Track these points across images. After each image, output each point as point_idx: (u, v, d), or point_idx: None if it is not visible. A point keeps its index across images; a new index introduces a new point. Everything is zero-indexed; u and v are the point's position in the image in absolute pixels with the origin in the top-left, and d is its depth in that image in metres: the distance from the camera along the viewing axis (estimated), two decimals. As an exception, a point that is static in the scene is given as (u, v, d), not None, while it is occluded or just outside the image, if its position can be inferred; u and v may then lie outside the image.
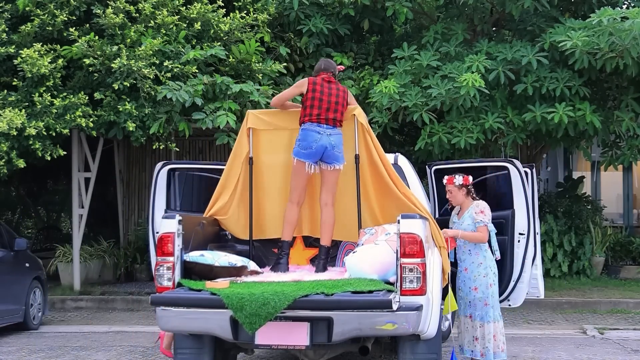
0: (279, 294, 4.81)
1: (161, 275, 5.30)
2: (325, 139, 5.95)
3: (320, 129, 5.96)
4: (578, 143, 11.51)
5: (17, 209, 18.77)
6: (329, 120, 5.99)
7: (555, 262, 12.29)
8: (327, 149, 5.95)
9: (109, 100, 10.13)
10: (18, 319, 9.19)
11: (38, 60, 9.74)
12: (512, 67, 10.26)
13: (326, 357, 5.35)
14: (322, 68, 6.27)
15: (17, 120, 9.50)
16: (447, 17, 11.79)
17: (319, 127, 5.97)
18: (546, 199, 13.61)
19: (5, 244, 9.31)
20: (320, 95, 6.03)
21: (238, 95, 9.97)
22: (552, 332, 8.90)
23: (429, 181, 7.39)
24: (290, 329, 4.94)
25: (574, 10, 11.60)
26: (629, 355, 7.54)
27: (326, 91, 6.06)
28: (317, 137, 5.95)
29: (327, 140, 5.95)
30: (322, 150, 5.96)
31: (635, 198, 15.66)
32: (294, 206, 6.12)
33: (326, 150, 5.96)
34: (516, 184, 6.77)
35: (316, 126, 5.97)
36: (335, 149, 5.97)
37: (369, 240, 5.70)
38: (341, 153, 6.03)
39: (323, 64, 6.35)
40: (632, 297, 10.92)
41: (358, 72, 11.35)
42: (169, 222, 5.38)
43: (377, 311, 4.77)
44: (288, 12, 11.30)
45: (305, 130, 6.00)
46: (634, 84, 10.67)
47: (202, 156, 13.89)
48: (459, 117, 10.30)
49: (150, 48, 9.85)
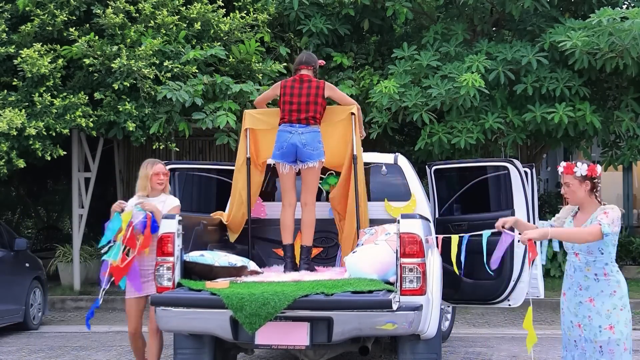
0: (279, 294, 4.81)
1: (161, 275, 5.30)
2: (296, 137, 6.01)
3: (291, 129, 6.04)
4: (578, 143, 11.51)
5: (17, 209, 18.78)
6: (301, 120, 6.05)
7: (555, 262, 12.29)
8: (298, 147, 6.01)
9: (109, 100, 10.14)
10: (18, 319, 9.19)
11: (38, 60, 9.74)
12: (512, 67, 10.26)
13: (326, 357, 5.35)
14: (303, 61, 6.31)
15: (17, 120, 9.50)
16: (447, 17, 11.79)
17: (290, 127, 6.06)
18: (546, 199, 13.61)
19: (5, 244, 9.31)
20: (290, 97, 6.12)
21: (238, 95, 9.98)
22: (552, 332, 8.89)
23: (429, 181, 7.39)
24: (290, 329, 4.93)
25: (574, 10, 11.59)
26: (629, 355, 7.53)
27: (296, 92, 6.13)
28: (288, 136, 6.04)
29: (297, 139, 6.01)
30: (293, 149, 6.02)
31: (635, 198, 15.67)
32: (286, 209, 6.18)
33: (298, 149, 6.01)
34: (516, 184, 6.76)
35: (288, 126, 6.07)
36: (307, 146, 6.00)
37: (369, 240, 5.70)
38: (316, 150, 6.03)
39: (304, 57, 6.37)
40: (632, 297, 10.81)
41: (358, 72, 11.35)
42: (169, 222, 5.38)
43: (377, 311, 4.77)
44: (288, 12, 11.30)
45: (279, 132, 6.11)
46: (633, 84, 10.67)
47: (202, 156, 13.89)
48: (459, 117, 10.31)
49: (150, 48, 9.85)
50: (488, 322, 9.71)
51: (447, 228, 6.89)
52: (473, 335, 8.66)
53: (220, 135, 10.11)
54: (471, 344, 8.13)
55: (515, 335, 8.68)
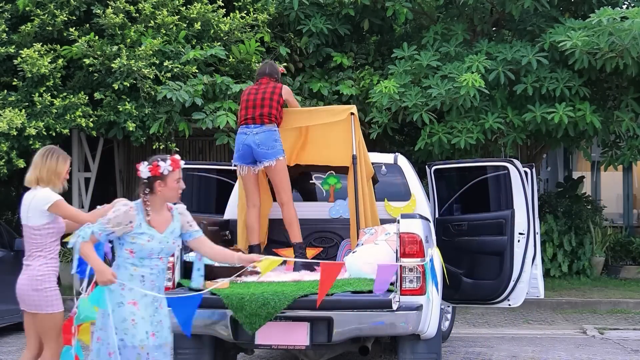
0: (278, 294, 4.81)
1: (161, 275, 5.29)
2: (250, 138, 6.04)
3: (247, 130, 6.08)
4: (578, 143, 11.51)
5: (17, 209, 18.76)
6: (256, 119, 6.06)
7: (555, 262, 12.29)
8: (253, 148, 6.03)
9: (109, 100, 10.14)
10: (18, 319, 9.16)
11: (38, 60, 9.75)
12: (512, 67, 10.26)
13: (326, 357, 5.35)
14: (266, 73, 6.36)
15: (17, 120, 9.50)
16: (447, 17, 11.78)
17: (246, 129, 6.09)
18: (546, 199, 13.61)
19: (5, 244, 9.32)
20: (247, 97, 6.17)
21: (238, 95, 9.96)
22: (552, 332, 8.90)
23: (429, 181, 7.39)
24: (290, 329, 4.94)
25: (574, 10, 11.59)
26: (629, 355, 7.53)
27: (253, 91, 6.19)
28: (243, 138, 6.09)
29: (252, 139, 6.03)
30: (248, 150, 6.05)
31: (635, 198, 15.66)
32: (250, 210, 6.21)
33: (254, 150, 6.03)
34: (516, 184, 6.76)
35: (244, 128, 6.11)
36: (261, 146, 6.01)
37: (369, 240, 5.71)
38: (272, 149, 6.02)
39: (267, 69, 6.42)
40: (632, 297, 10.93)
41: (358, 72, 11.35)
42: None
43: (377, 311, 4.77)
44: (288, 12, 11.29)
45: (237, 135, 6.18)
46: (634, 84, 10.66)
47: (202, 156, 13.88)
48: (459, 117, 10.30)
49: (150, 48, 9.85)
50: (488, 322, 9.71)
51: (447, 228, 6.90)
52: (473, 335, 8.66)
53: (220, 135, 10.11)
54: (471, 344, 8.13)
55: (515, 335, 8.69)
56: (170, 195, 4.25)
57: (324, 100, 10.84)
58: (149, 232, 4.16)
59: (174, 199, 4.29)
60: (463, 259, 6.97)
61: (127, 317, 4.08)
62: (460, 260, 6.94)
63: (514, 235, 6.79)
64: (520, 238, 6.80)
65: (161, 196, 4.22)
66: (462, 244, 6.99)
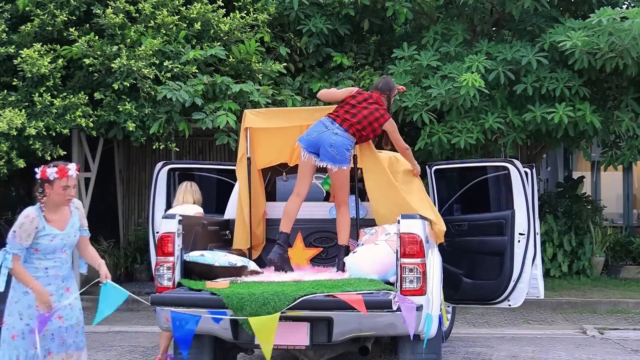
0: (279, 294, 4.81)
1: (161, 275, 5.31)
2: (328, 134, 5.92)
3: (331, 125, 5.96)
4: (578, 143, 11.51)
5: (17, 209, 18.76)
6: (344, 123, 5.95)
7: (555, 262, 12.28)
8: (323, 144, 5.90)
9: (109, 100, 10.13)
10: (18, 319, 9.18)
11: (38, 60, 9.74)
12: (512, 67, 10.26)
13: (326, 357, 5.35)
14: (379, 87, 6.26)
15: (17, 120, 9.50)
16: (447, 17, 11.79)
17: (331, 124, 5.97)
18: (546, 199, 13.61)
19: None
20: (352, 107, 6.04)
21: (238, 95, 9.97)
22: (552, 332, 8.90)
23: (429, 181, 7.40)
24: (290, 329, 4.94)
25: (574, 10, 11.59)
26: (629, 355, 7.54)
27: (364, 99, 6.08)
28: (322, 128, 5.96)
29: (328, 136, 5.92)
30: (318, 143, 5.92)
31: (635, 198, 15.67)
32: (293, 198, 6.10)
33: (322, 147, 5.91)
34: (516, 184, 6.76)
35: (330, 121, 5.98)
36: (332, 147, 5.90)
37: (369, 240, 5.71)
38: (339, 155, 5.90)
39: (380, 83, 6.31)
40: (632, 297, 10.92)
41: (358, 72, 11.35)
42: (169, 222, 5.39)
43: (377, 311, 4.77)
44: (288, 12, 11.30)
45: (318, 121, 6.03)
46: (634, 84, 10.67)
47: (202, 156, 13.89)
48: (459, 117, 10.31)
49: (150, 48, 9.85)
50: (488, 322, 9.71)
51: (448, 228, 6.90)
52: (473, 335, 8.66)
53: (220, 135, 10.11)
54: (471, 344, 8.13)
55: (515, 335, 8.68)
56: (57, 200, 4.73)
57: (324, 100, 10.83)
58: (51, 233, 4.67)
59: (62, 203, 4.77)
60: (463, 259, 6.98)
61: (32, 304, 4.60)
62: (461, 260, 6.95)
63: (514, 235, 6.80)
64: (521, 238, 6.80)
65: (50, 199, 4.69)
66: (462, 244, 7.00)
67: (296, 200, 6.08)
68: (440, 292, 5.71)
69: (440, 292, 5.71)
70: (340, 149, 5.92)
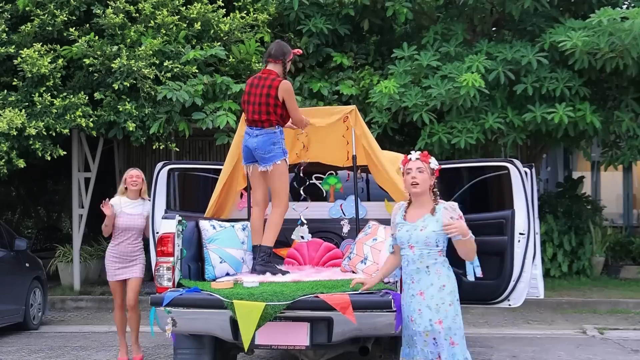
0: (278, 294, 4.81)
1: (161, 275, 5.30)
2: (250, 140, 5.92)
3: (249, 131, 5.95)
4: (578, 143, 11.51)
5: (17, 209, 18.77)
6: (257, 122, 5.91)
7: (555, 262, 12.29)
8: (252, 150, 5.91)
9: (109, 100, 10.14)
10: (18, 319, 9.19)
11: (38, 60, 9.75)
12: (512, 67, 10.26)
13: (326, 357, 5.35)
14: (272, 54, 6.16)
15: (17, 120, 9.51)
16: (447, 17, 11.78)
17: (249, 130, 5.96)
18: (546, 199, 13.61)
19: (5, 244, 9.31)
20: (248, 97, 5.99)
21: (238, 95, 9.97)
22: (552, 332, 8.90)
23: (429, 181, 7.37)
24: (290, 329, 4.93)
25: (574, 10, 11.59)
26: (629, 355, 7.54)
27: (253, 91, 5.96)
28: (246, 138, 5.97)
29: (251, 142, 5.90)
30: (249, 151, 5.94)
31: (635, 198, 15.67)
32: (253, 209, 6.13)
33: (253, 152, 5.92)
34: (516, 184, 6.76)
35: (248, 129, 5.98)
36: (257, 150, 5.87)
37: (363, 240, 5.74)
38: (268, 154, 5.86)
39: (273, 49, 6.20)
40: (632, 297, 10.93)
41: (358, 72, 11.35)
42: (169, 222, 5.39)
43: (377, 311, 4.76)
44: (288, 12, 11.29)
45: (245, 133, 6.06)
46: (634, 84, 10.66)
47: (202, 156, 13.89)
48: (459, 117, 10.30)
49: (150, 48, 9.86)
50: (488, 322, 9.71)
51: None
52: (473, 335, 8.65)
53: (220, 135, 10.11)
54: (471, 344, 8.11)
55: (515, 335, 8.69)
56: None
57: (324, 101, 10.84)
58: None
59: None
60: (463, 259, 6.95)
61: None
62: (461, 260, 6.93)
63: (514, 235, 6.79)
64: (521, 238, 6.79)
65: None
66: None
67: (256, 211, 6.08)
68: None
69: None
70: (264, 148, 5.86)
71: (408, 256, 4.49)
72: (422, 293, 4.41)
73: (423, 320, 4.38)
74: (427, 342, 4.37)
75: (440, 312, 4.36)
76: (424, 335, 4.37)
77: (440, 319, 4.35)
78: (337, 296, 4.72)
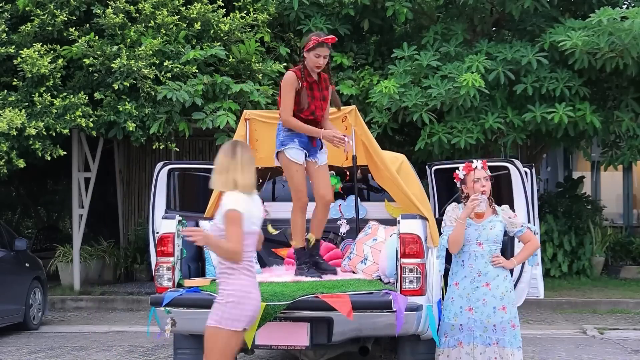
0: (278, 294, 4.81)
1: (161, 275, 5.30)
2: None
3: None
4: (578, 143, 11.51)
5: (17, 209, 18.78)
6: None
7: (555, 262, 12.29)
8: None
9: (109, 100, 10.14)
10: (18, 319, 9.19)
11: (38, 60, 9.75)
12: (512, 67, 10.26)
13: (326, 357, 5.35)
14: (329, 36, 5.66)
15: (17, 120, 9.50)
16: (447, 17, 11.78)
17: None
18: (546, 199, 13.61)
19: (5, 244, 9.31)
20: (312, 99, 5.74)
21: (238, 95, 9.97)
22: (552, 332, 8.90)
23: (429, 181, 7.39)
24: (290, 329, 4.93)
25: (574, 10, 11.59)
26: (629, 355, 7.54)
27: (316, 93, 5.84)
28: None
29: None
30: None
31: (635, 198, 15.67)
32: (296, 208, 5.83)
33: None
34: (516, 184, 6.76)
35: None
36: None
37: (363, 240, 5.74)
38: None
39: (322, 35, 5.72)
40: (632, 297, 10.92)
41: (358, 72, 11.35)
42: (169, 222, 5.39)
43: (377, 311, 4.77)
44: (288, 12, 11.29)
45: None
46: (634, 84, 10.67)
47: (202, 156, 13.89)
48: (459, 117, 10.30)
49: (150, 48, 9.85)
50: (488, 322, 9.70)
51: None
52: (473, 335, 8.64)
53: (220, 135, 10.11)
54: (471, 344, 8.12)
55: (515, 335, 8.67)
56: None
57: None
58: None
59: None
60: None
61: None
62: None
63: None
64: (521, 238, 6.79)
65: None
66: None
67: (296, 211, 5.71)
68: (440, 292, 5.70)
69: (440, 292, 5.70)
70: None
71: (477, 252, 4.97)
72: (489, 284, 4.93)
73: (487, 309, 4.87)
74: (487, 328, 4.85)
75: (504, 299, 4.90)
76: (485, 322, 4.86)
77: (504, 305, 4.89)
78: (337, 296, 4.73)
